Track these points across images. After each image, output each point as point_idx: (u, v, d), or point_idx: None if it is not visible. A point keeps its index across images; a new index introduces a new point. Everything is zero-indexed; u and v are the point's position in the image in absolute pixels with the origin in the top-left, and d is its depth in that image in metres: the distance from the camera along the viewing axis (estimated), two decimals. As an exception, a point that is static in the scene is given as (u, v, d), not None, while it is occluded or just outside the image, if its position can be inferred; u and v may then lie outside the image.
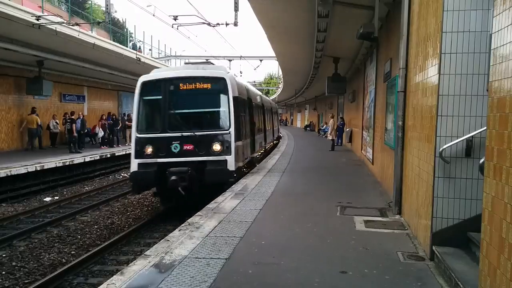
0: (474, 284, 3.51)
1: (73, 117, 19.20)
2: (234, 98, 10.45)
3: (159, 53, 32.23)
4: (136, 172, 9.93)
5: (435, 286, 4.15)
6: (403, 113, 6.74)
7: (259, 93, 20.37)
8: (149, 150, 9.93)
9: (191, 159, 9.85)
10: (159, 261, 4.74)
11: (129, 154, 10.67)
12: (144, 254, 5.01)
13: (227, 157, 9.98)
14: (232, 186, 9.67)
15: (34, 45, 15.79)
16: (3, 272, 7.08)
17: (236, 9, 15.24)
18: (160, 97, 10.33)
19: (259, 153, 16.99)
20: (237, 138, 10.43)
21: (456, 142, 4.56)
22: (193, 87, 10.37)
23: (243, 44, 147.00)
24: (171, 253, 5.02)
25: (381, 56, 10.78)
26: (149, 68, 14.12)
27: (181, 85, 10.37)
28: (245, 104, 12.50)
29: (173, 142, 9.92)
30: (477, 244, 4.02)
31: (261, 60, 32.68)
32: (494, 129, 3.05)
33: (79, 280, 6.86)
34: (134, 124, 10.40)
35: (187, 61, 19.46)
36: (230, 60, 32.58)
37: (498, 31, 3.08)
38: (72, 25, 15.11)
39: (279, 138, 29.89)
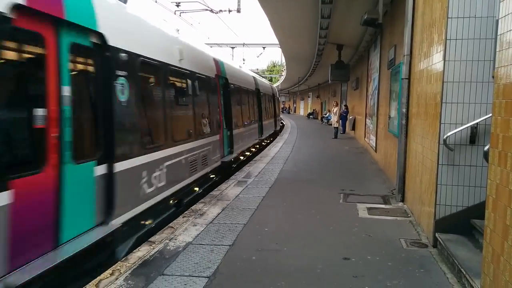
0: (477, 271, 3.53)
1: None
2: None
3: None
4: None
5: (438, 273, 4.17)
6: (407, 100, 6.70)
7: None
8: None
9: None
10: (163, 248, 4.78)
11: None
12: (149, 241, 5.05)
13: None
14: (236, 174, 9.68)
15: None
16: None
17: (239, -5, 15.08)
18: None
19: None
20: None
21: (461, 129, 4.55)
22: None
23: (246, 31, 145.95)
24: (175, 239, 5.06)
25: (385, 43, 10.66)
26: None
27: None
28: None
29: None
30: (480, 231, 4.03)
31: (264, 48, 32.50)
32: (500, 115, 3.02)
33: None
34: None
35: None
36: (233, 48, 32.38)
37: (505, 16, 3.03)
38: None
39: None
